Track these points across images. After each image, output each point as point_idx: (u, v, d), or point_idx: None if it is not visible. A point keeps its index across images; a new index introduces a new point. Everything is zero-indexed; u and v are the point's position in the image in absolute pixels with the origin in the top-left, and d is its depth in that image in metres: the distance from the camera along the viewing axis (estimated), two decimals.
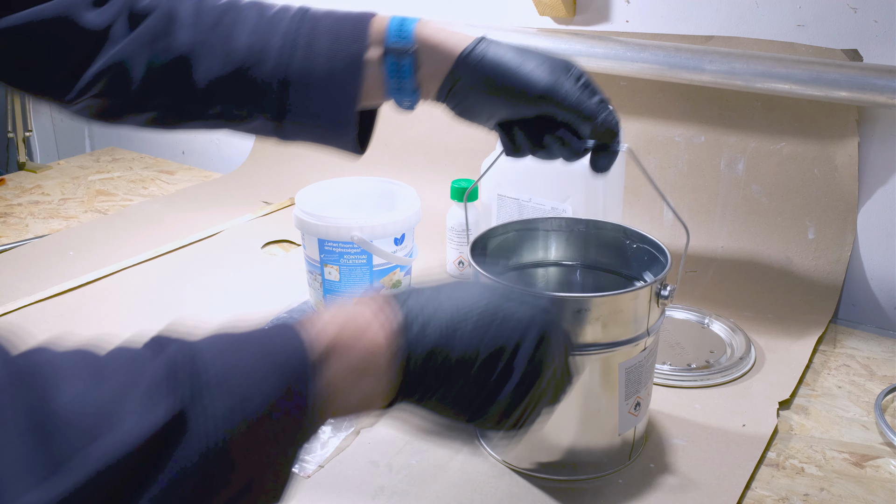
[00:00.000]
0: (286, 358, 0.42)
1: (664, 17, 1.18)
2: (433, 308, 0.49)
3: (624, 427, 0.75)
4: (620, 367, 0.72)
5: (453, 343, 0.48)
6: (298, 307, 1.02)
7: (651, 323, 0.73)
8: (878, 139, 1.08)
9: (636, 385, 0.75)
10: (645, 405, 0.78)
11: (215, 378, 0.39)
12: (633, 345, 0.72)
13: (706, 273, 1.17)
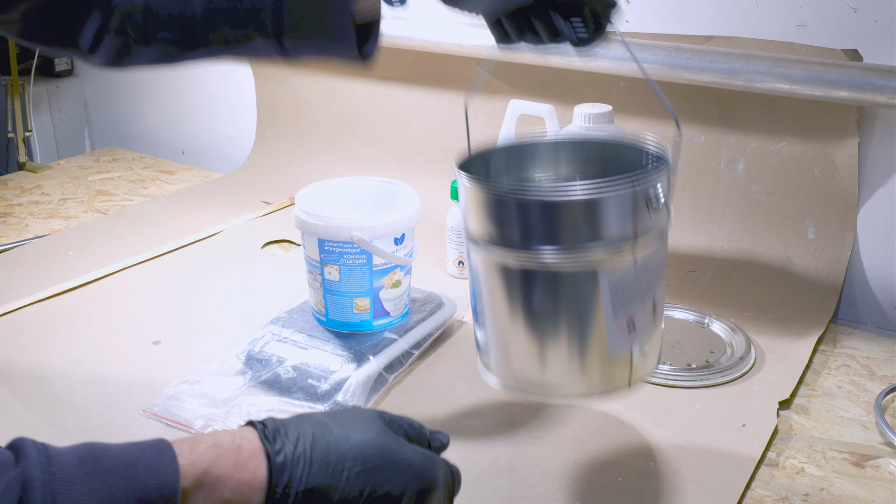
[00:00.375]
0: (156, 485, 0.42)
1: (664, 17, 1.18)
2: (322, 445, 0.48)
3: (615, 348, 0.66)
4: (602, 277, 0.64)
5: (337, 484, 0.47)
6: (298, 307, 1.02)
7: (640, 229, 0.64)
8: (878, 139, 1.08)
9: (626, 301, 0.66)
10: (645, 326, 0.68)
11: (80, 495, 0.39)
12: (614, 250, 0.64)
13: (706, 273, 1.17)
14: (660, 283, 0.69)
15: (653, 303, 0.67)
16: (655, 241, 0.66)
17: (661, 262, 0.68)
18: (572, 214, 0.63)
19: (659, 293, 0.69)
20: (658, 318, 0.69)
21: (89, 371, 0.94)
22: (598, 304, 0.65)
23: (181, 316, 1.07)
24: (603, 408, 0.88)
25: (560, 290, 0.65)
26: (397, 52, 1.41)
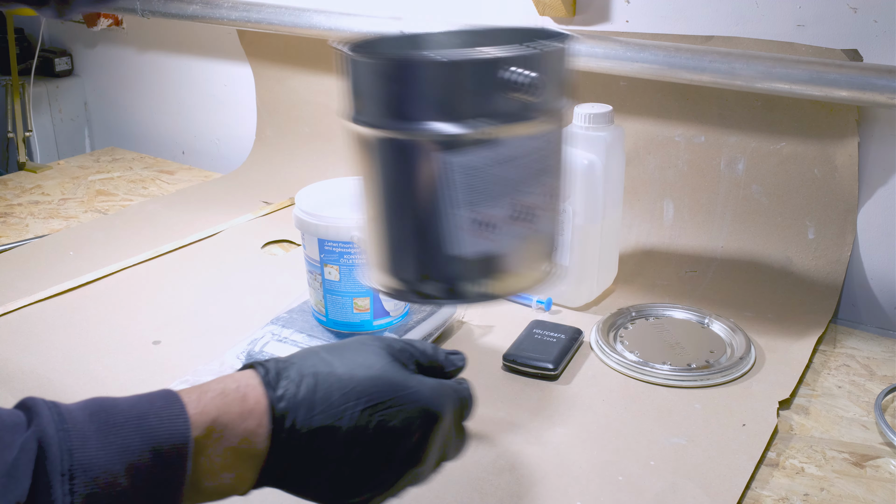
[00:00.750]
0: (167, 435, 0.43)
1: (664, 17, 1.18)
2: (325, 386, 0.48)
3: (464, 246, 0.60)
4: (447, 160, 0.58)
5: (341, 423, 0.47)
6: (298, 307, 1.02)
7: (499, 112, 0.58)
8: (878, 139, 1.08)
9: (478, 195, 0.59)
10: (509, 229, 0.60)
11: (86, 463, 0.40)
12: (462, 130, 0.57)
13: (706, 273, 1.17)
14: (538, 187, 0.61)
15: (526, 207, 0.60)
16: (528, 132, 0.59)
17: (539, 161, 0.61)
18: (416, 79, 0.57)
19: (539, 198, 0.61)
20: (539, 229, 0.61)
21: (89, 371, 0.94)
22: (442, 193, 0.59)
23: (181, 316, 1.07)
24: (603, 408, 0.88)
25: (405, 171, 0.60)
26: None
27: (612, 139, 1.04)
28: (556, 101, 0.62)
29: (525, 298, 1.10)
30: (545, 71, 0.59)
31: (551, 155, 0.62)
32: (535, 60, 0.59)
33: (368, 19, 1.35)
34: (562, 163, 0.64)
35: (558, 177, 0.63)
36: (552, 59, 0.61)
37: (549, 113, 0.61)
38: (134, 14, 1.65)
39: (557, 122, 0.62)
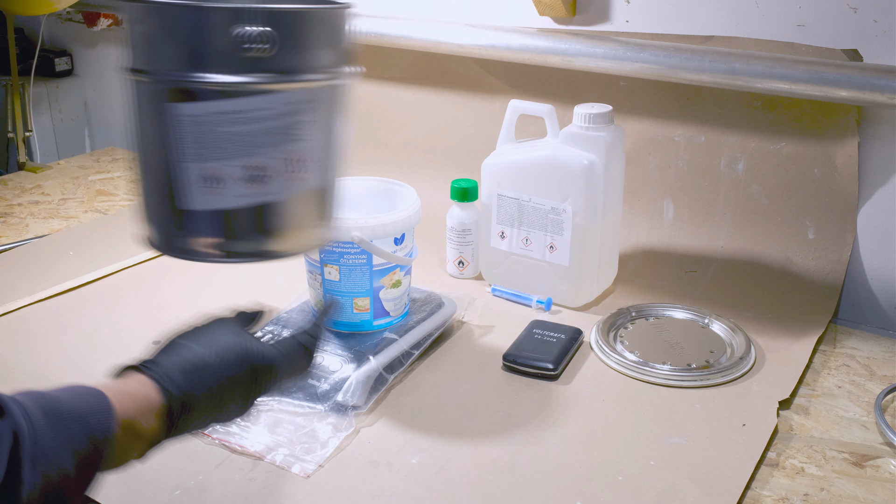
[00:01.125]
0: (101, 429, 0.54)
1: (664, 17, 1.18)
2: (201, 376, 0.61)
3: (198, 201, 0.61)
4: (172, 111, 0.59)
5: (212, 395, 0.61)
6: (298, 307, 1.02)
7: (221, 66, 0.58)
8: (878, 139, 1.08)
9: (205, 149, 0.59)
10: (239, 188, 0.61)
11: (45, 449, 0.49)
12: (186, 80, 0.58)
13: (706, 273, 1.17)
14: (277, 149, 0.61)
15: (261, 168, 0.60)
16: (261, 94, 0.59)
17: (278, 122, 0.61)
18: (148, 23, 0.59)
19: (278, 160, 0.61)
20: (275, 190, 0.62)
21: (89, 371, 0.94)
22: (170, 141, 0.60)
23: (181, 316, 1.07)
24: (603, 408, 0.88)
25: (143, 117, 0.61)
26: (397, 52, 1.41)
27: (612, 139, 1.04)
28: (301, 64, 0.61)
29: (524, 298, 1.10)
30: (284, 31, 0.59)
31: (295, 118, 0.61)
32: (269, 17, 0.58)
33: (368, 19, 1.35)
34: (317, 129, 0.63)
35: (311, 142, 0.63)
36: (294, 20, 0.60)
37: (291, 74, 0.61)
38: None
39: (305, 86, 0.62)
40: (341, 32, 0.66)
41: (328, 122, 0.65)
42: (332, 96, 0.65)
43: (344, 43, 0.66)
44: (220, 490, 0.76)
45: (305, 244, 0.67)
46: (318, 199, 0.66)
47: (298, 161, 0.63)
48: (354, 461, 0.80)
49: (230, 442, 0.82)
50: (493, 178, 1.10)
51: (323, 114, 0.64)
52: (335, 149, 0.67)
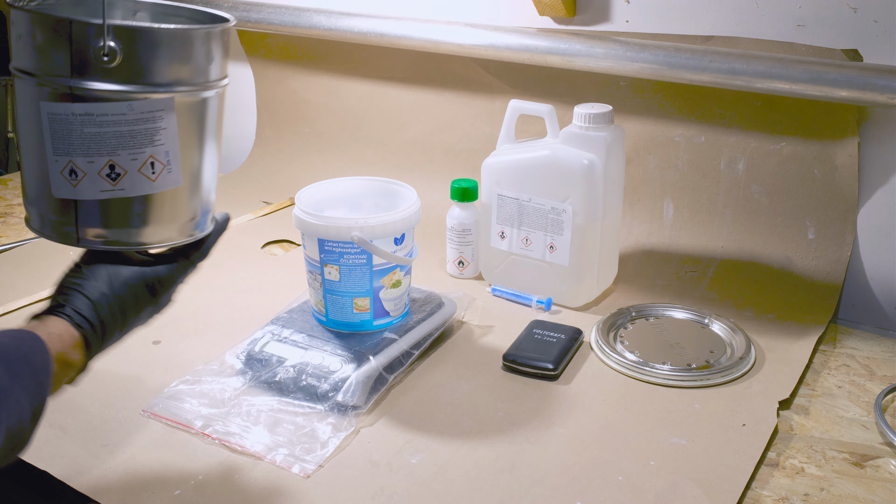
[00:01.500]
0: (45, 373, 0.64)
1: (664, 17, 1.18)
2: (109, 312, 0.72)
3: (60, 190, 0.71)
4: (42, 105, 0.68)
5: (113, 316, 0.72)
6: (298, 307, 1.02)
7: (80, 70, 0.67)
8: (878, 139, 1.08)
9: (66, 146, 0.69)
10: (94, 185, 0.70)
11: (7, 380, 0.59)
12: (47, 79, 0.67)
13: (706, 273, 1.17)
14: (125, 153, 0.69)
15: (113, 168, 0.69)
16: (111, 101, 0.68)
17: (123, 132, 0.69)
18: (22, 31, 0.68)
19: (130, 162, 0.70)
20: (129, 191, 0.71)
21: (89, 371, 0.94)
22: (40, 133, 0.69)
23: (181, 316, 1.06)
24: (603, 408, 0.88)
25: (22, 113, 0.71)
26: (397, 52, 1.41)
27: (612, 139, 1.04)
28: (154, 76, 0.69)
29: (524, 298, 1.10)
30: (133, 45, 0.68)
31: (149, 125, 0.70)
32: (118, 32, 0.67)
33: (369, 19, 1.35)
34: (169, 135, 0.71)
35: (164, 146, 0.71)
36: (143, 36, 0.68)
37: (144, 85, 0.69)
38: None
39: (158, 97, 0.70)
40: (198, 49, 0.72)
41: (187, 130, 0.73)
42: (189, 107, 0.73)
43: (203, 58, 0.73)
44: (220, 490, 0.76)
45: (157, 238, 0.74)
46: (176, 199, 0.74)
47: (151, 163, 0.71)
48: (354, 461, 0.80)
49: (230, 442, 0.82)
50: (493, 178, 1.10)
51: (178, 122, 0.72)
52: (193, 154, 0.74)
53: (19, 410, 0.60)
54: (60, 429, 0.84)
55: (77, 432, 0.83)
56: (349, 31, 1.37)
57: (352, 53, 1.47)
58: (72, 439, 0.83)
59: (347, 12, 1.38)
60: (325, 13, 1.39)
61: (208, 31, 0.72)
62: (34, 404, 0.62)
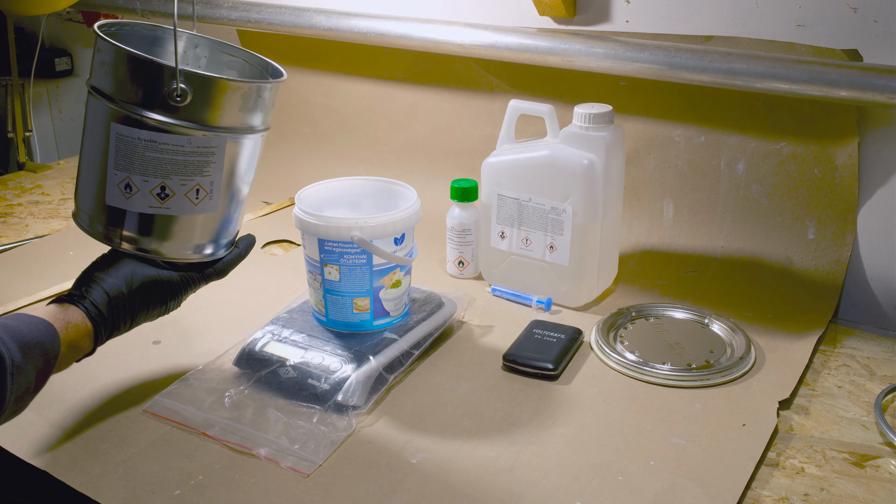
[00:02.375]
0: (53, 352, 0.74)
1: (664, 17, 1.18)
2: (122, 307, 0.80)
3: (113, 199, 0.80)
4: (112, 127, 0.79)
5: (126, 314, 0.81)
6: (298, 307, 1.02)
7: (150, 105, 0.77)
8: (878, 139, 1.08)
9: (128, 163, 0.79)
10: (143, 200, 0.80)
11: (17, 367, 0.69)
12: (122, 108, 0.78)
13: (706, 273, 1.17)
14: (179, 179, 0.80)
15: (164, 189, 0.80)
16: (174, 133, 0.78)
17: (179, 160, 0.79)
18: (106, 59, 0.79)
19: (178, 188, 0.80)
20: (173, 210, 0.81)
21: (89, 371, 0.94)
22: (106, 149, 0.79)
23: (181, 316, 1.07)
24: (603, 408, 0.88)
25: (92, 127, 0.81)
26: (397, 52, 1.41)
27: (612, 139, 1.04)
28: (212, 118, 0.80)
29: (524, 298, 1.10)
30: (199, 91, 0.78)
31: (201, 158, 0.80)
32: (189, 77, 0.78)
33: (368, 19, 1.35)
34: (217, 170, 0.82)
35: (210, 178, 0.82)
36: (209, 85, 0.79)
37: (203, 125, 0.79)
38: (134, 14, 1.65)
39: (213, 135, 0.80)
40: (254, 101, 0.83)
41: (230, 166, 0.83)
42: (236, 147, 0.83)
43: (256, 109, 0.84)
44: (220, 490, 0.76)
45: (188, 255, 0.85)
46: (208, 223, 0.84)
47: (196, 190, 0.82)
48: (354, 461, 0.80)
49: (230, 442, 0.82)
50: (493, 178, 1.10)
51: (225, 160, 0.82)
52: (233, 188, 0.85)
53: (27, 385, 0.70)
54: (61, 429, 0.84)
55: (77, 432, 0.83)
56: (349, 31, 1.37)
57: (352, 53, 1.47)
58: (72, 439, 0.83)
59: (347, 12, 1.38)
60: (325, 13, 1.39)
61: (267, 85, 0.84)
62: (39, 384, 0.73)
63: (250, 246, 0.93)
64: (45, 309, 0.77)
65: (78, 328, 0.77)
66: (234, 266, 0.91)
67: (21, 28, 1.93)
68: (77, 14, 1.89)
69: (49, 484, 0.78)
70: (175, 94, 0.77)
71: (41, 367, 0.72)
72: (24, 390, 0.70)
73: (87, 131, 0.83)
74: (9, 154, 1.79)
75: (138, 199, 0.80)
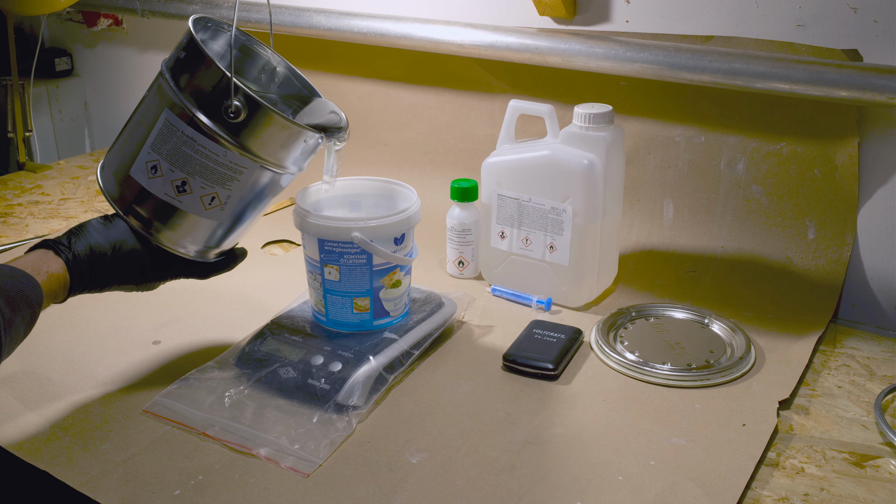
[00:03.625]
0: (36, 301, 0.76)
1: (664, 17, 1.18)
2: (101, 265, 0.83)
3: (137, 173, 0.84)
4: (164, 113, 0.83)
5: (102, 277, 0.84)
6: (298, 307, 1.02)
7: (201, 109, 0.81)
8: (878, 139, 1.08)
9: (162, 148, 0.83)
10: (164, 186, 0.83)
11: (8, 321, 0.72)
12: (177, 102, 0.82)
13: (706, 273, 1.17)
14: (204, 181, 0.83)
15: (184, 184, 0.84)
16: (214, 141, 0.82)
17: (208, 165, 0.83)
18: (186, 54, 0.83)
19: (201, 188, 0.84)
20: (184, 206, 0.84)
21: (89, 371, 0.94)
22: (151, 128, 0.83)
23: (181, 316, 1.07)
24: (603, 408, 0.88)
25: (148, 104, 0.85)
26: (397, 52, 1.41)
27: (612, 139, 1.04)
28: (254, 144, 0.83)
29: (524, 298, 1.10)
30: (253, 115, 0.81)
31: (229, 172, 0.84)
32: (247, 98, 0.81)
33: (368, 19, 1.35)
34: (238, 188, 0.85)
35: (229, 192, 0.85)
36: (263, 115, 0.82)
37: (244, 146, 0.82)
38: (134, 14, 1.65)
39: (248, 158, 0.83)
40: (298, 145, 0.86)
41: (251, 190, 0.86)
42: (264, 177, 0.86)
43: (297, 152, 0.87)
44: (221, 490, 0.76)
45: (181, 249, 0.87)
46: (210, 229, 0.87)
47: (212, 197, 0.85)
48: (354, 461, 0.80)
49: (230, 442, 0.82)
50: (493, 178, 1.10)
51: (249, 183, 0.85)
52: (245, 209, 0.88)
53: (18, 337, 0.74)
54: (61, 429, 0.84)
55: (77, 432, 0.83)
56: (349, 31, 1.37)
57: (352, 53, 1.47)
58: (72, 439, 0.83)
59: (347, 12, 1.38)
60: (325, 13, 1.39)
61: (316, 136, 0.86)
62: (27, 331, 0.76)
63: (241, 258, 0.95)
64: (26, 259, 0.80)
65: (57, 278, 0.80)
66: (219, 273, 0.93)
67: (21, 28, 1.93)
68: (77, 14, 1.89)
69: (49, 484, 0.78)
70: (230, 111, 0.81)
71: (28, 319, 0.75)
72: (17, 344, 0.74)
73: (143, 103, 0.86)
74: (9, 154, 1.79)
75: (158, 184, 0.83)
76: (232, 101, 0.80)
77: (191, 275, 0.90)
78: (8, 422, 0.85)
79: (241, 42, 0.95)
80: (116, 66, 1.89)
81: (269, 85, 0.97)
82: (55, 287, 0.79)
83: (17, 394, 0.90)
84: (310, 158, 0.90)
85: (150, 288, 0.89)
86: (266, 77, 0.97)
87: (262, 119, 0.82)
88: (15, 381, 0.92)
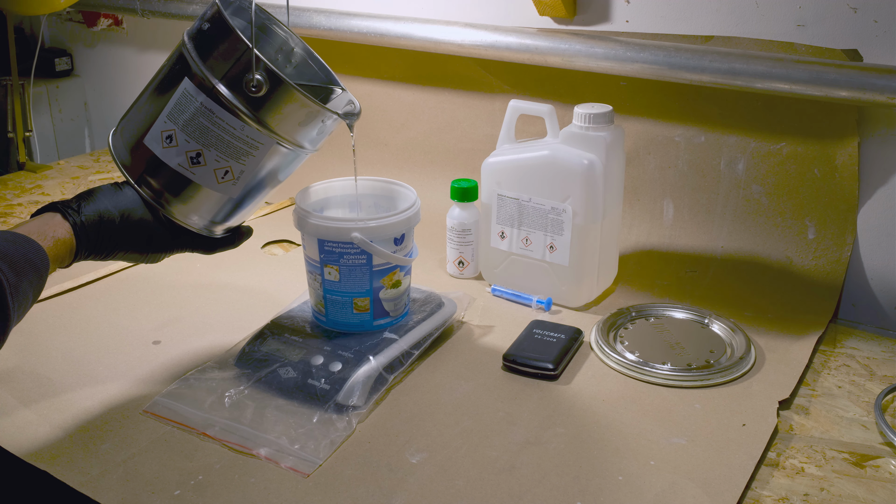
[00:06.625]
0: (43, 268, 0.75)
1: (664, 17, 1.18)
2: (108, 233, 0.82)
3: (151, 142, 0.83)
4: (184, 84, 0.81)
5: (109, 245, 0.82)
6: (298, 307, 1.02)
7: (223, 80, 0.80)
8: (878, 139, 1.08)
9: (178, 119, 0.81)
10: (178, 157, 0.82)
11: (15, 287, 0.71)
12: (203, 75, 0.80)
13: (706, 273, 1.17)
14: (217, 153, 0.82)
15: (199, 156, 0.83)
16: (232, 114, 0.80)
17: (230, 138, 0.82)
18: (210, 24, 0.82)
19: (213, 161, 0.82)
20: (197, 178, 0.83)
21: (89, 371, 0.94)
22: (169, 97, 0.82)
23: (181, 316, 1.07)
24: (603, 408, 0.88)
25: (167, 72, 0.84)
26: (397, 52, 1.41)
27: (612, 139, 1.04)
28: (272, 120, 0.81)
29: (524, 298, 1.10)
30: (274, 91, 0.80)
31: (245, 147, 0.83)
32: (269, 73, 0.79)
33: (368, 19, 1.35)
34: (252, 163, 0.84)
35: (243, 167, 0.84)
36: (284, 91, 0.80)
37: (262, 121, 0.81)
38: (134, 14, 1.65)
39: (265, 134, 0.82)
40: (316, 123, 0.85)
41: (265, 166, 0.85)
42: (279, 154, 0.85)
43: (313, 130, 0.86)
44: (221, 490, 0.76)
45: (190, 221, 0.86)
46: (220, 204, 0.86)
47: (226, 171, 0.84)
48: (354, 461, 0.80)
49: (230, 442, 0.82)
50: (493, 178, 1.10)
51: (264, 159, 0.84)
52: (257, 185, 0.87)
53: (26, 302, 0.73)
54: (61, 429, 0.84)
55: (77, 432, 0.83)
56: (349, 31, 1.37)
57: (352, 53, 1.47)
58: (72, 439, 0.83)
59: (347, 12, 1.38)
60: (325, 13, 1.39)
61: (334, 116, 0.86)
62: (36, 295, 0.76)
63: (246, 235, 0.94)
64: (31, 224, 0.79)
65: (63, 242, 0.79)
66: (224, 249, 0.91)
67: (21, 28, 1.93)
68: (77, 14, 1.89)
69: (49, 484, 0.78)
70: (251, 85, 0.79)
71: (36, 283, 0.75)
72: (25, 309, 0.74)
73: (161, 72, 0.85)
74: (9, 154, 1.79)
75: (172, 154, 0.82)
76: (254, 74, 0.79)
77: (196, 248, 0.89)
78: (8, 422, 0.85)
79: (261, 20, 0.93)
80: (116, 66, 1.89)
81: (284, 66, 0.96)
82: (61, 252, 0.78)
83: (17, 394, 0.90)
84: (324, 139, 0.89)
85: (154, 259, 0.87)
86: (283, 57, 0.95)
87: (283, 95, 0.81)
88: (15, 381, 0.92)
